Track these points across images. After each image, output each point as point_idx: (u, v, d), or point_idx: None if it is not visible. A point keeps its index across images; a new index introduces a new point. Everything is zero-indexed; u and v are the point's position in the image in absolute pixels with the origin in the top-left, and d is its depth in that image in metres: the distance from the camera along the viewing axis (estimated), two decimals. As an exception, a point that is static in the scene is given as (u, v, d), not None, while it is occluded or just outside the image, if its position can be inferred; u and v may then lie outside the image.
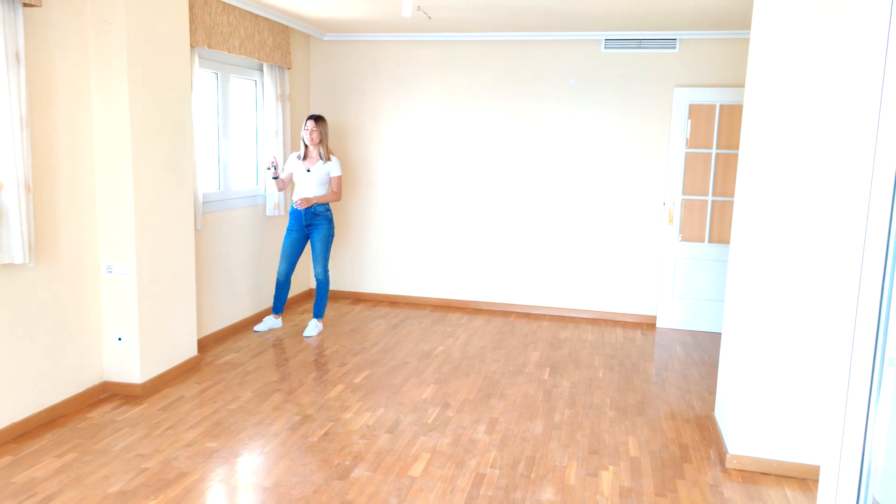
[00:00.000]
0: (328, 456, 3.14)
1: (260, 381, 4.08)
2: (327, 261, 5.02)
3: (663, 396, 4.05)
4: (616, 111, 5.58)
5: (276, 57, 5.16)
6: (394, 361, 4.53)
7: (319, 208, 4.92)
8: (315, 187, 4.87)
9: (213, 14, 4.35)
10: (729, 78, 5.34)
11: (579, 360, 4.68)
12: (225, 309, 4.96)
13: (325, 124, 4.88)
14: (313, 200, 4.83)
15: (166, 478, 2.89)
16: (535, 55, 5.65)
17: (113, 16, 3.50)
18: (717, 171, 5.38)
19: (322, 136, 4.86)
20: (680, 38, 5.35)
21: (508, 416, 3.69)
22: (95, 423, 3.42)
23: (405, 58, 5.89)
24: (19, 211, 2.99)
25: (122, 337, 3.76)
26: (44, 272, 3.34)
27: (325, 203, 4.93)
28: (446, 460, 3.14)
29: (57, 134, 3.37)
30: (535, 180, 5.79)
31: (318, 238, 4.96)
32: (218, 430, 3.37)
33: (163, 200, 3.91)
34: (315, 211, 4.92)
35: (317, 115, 4.85)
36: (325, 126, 4.88)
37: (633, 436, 3.49)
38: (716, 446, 3.39)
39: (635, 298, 5.74)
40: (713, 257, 5.47)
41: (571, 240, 5.79)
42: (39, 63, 3.23)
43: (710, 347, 5.10)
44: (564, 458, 3.21)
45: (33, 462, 2.98)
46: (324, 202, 4.90)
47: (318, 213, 4.93)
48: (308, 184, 4.85)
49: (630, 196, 5.64)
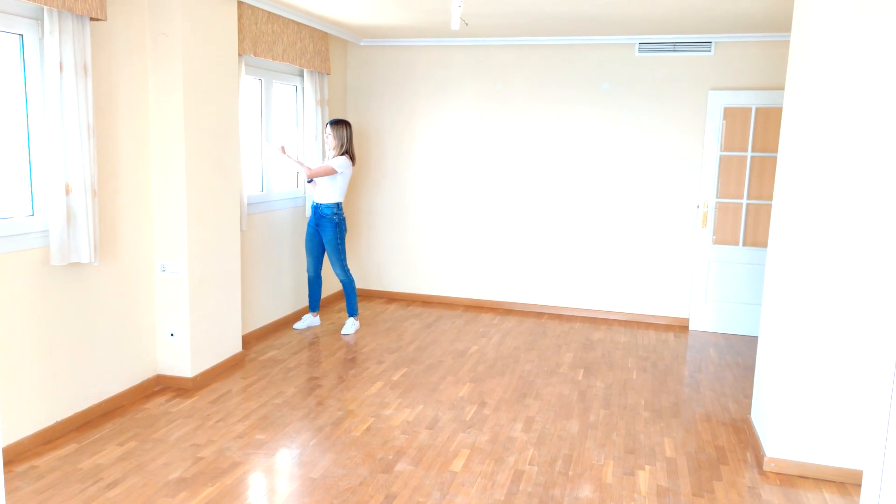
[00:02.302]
0: (371, 450, 3.27)
1: (302, 377, 4.24)
2: (343, 262, 5.10)
3: (698, 399, 4.10)
4: (649, 114, 5.62)
5: (316, 63, 5.32)
6: (430, 360, 4.64)
7: (326, 210, 4.99)
8: (324, 184, 4.96)
9: (258, 23, 4.51)
10: (765, 80, 5.34)
11: (613, 362, 4.74)
12: (267, 307, 5.13)
13: (342, 128, 4.96)
14: (291, 160, 4.80)
15: (220, 467, 3.05)
16: (569, 59, 5.71)
17: (170, 28, 3.67)
18: (753, 173, 5.39)
19: (339, 139, 4.96)
20: (715, 40, 5.37)
21: (544, 415, 3.77)
22: (151, 413, 3.60)
23: (440, 62, 6.00)
24: (86, 213, 3.18)
25: (175, 333, 3.94)
26: (106, 271, 3.53)
27: (330, 205, 4.96)
28: (485, 457, 3.25)
29: (119, 140, 3.56)
30: (568, 182, 5.86)
31: (326, 241, 5.05)
32: (265, 424, 3.53)
33: (212, 203, 4.08)
34: (322, 213, 5.01)
35: (335, 120, 4.98)
36: (341, 129, 4.95)
37: (669, 437, 3.55)
38: (752, 449, 3.44)
39: (668, 301, 5.77)
40: (747, 260, 5.48)
41: (604, 241, 5.85)
42: (104, 73, 3.41)
43: (744, 350, 5.12)
44: (601, 457, 3.28)
45: (97, 449, 3.16)
46: (301, 166, 4.82)
47: (325, 215, 5.01)
48: (318, 180, 4.95)
49: (663, 198, 5.67)
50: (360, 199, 6.38)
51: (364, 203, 6.37)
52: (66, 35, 3.01)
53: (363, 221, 6.40)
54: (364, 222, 6.40)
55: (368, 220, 6.38)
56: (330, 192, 4.98)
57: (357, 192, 6.38)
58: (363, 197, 6.37)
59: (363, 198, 6.37)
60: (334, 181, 4.96)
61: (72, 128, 3.09)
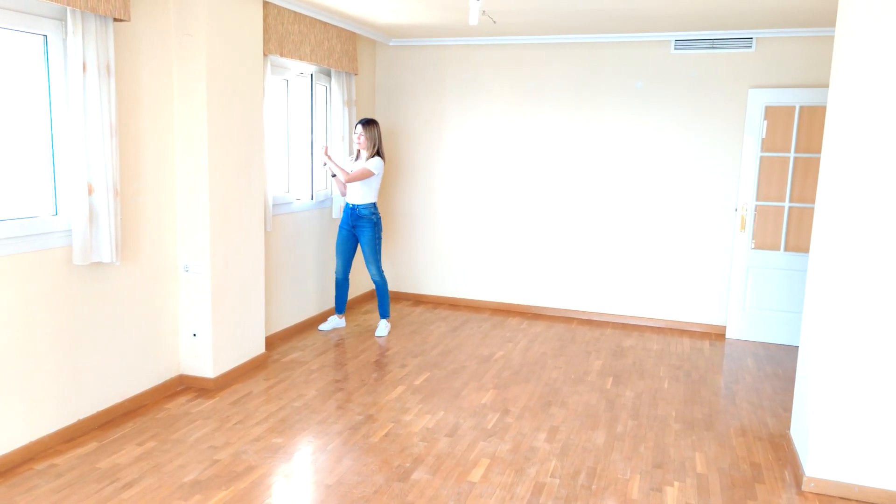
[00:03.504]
0: (389, 457, 3.19)
1: (324, 379, 4.19)
2: (379, 262, 5.07)
3: (733, 411, 3.91)
4: (686, 113, 5.42)
5: (343, 63, 5.28)
6: (453, 365, 4.55)
7: (364, 211, 4.96)
8: (358, 186, 4.93)
9: (285, 23, 4.50)
10: (810, 78, 5.10)
11: (644, 370, 4.58)
12: (291, 308, 5.12)
13: (372, 128, 4.91)
14: (332, 160, 4.80)
15: (236, 470, 3.01)
16: (602, 57, 5.56)
17: (194, 28, 3.67)
18: (796, 175, 5.15)
19: (371, 139, 4.92)
20: (756, 36, 5.15)
21: (569, 424, 3.65)
22: (172, 413, 3.60)
23: (470, 62, 5.91)
24: (108, 213, 3.19)
25: (197, 333, 3.94)
26: (128, 271, 3.54)
27: (367, 205, 4.94)
28: (506, 467, 3.14)
29: (142, 140, 3.57)
30: (599, 184, 5.70)
31: (364, 242, 5.02)
32: (283, 427, 3.49)
33: (236, 203, 4.07)
34: (359, 213, 4.97)
35: (365, 120, 4.93)
36: (371, 130, 4.91)
37: (701, 451, 3.38)
38: (791, 467, 3.25)
39: (703, 307, 5.56)
40: (789, 266, 5.23)
41: (637, 245, 5.67)
42: (127, 74, 3.43)
43: (784, 361, 4.89)
44: (627, 471, 3.14)
45: (117, 449, 3.17)
46: (340, 170, 4.79)
47: (363, 215, 4.97)
48: (352, 183, 4.93)
49: (699, 201, 5.47)
50: (389, 200, 6.33)
51: (392, 204, 6.32)
52: (89, 35, 3.02)
53: (391, 222, 6.35)
54: (392, 223, 6.35)
55: (396, 222, 6.33)
56: (366, 192, 4.95)
57: (385, 193, 6.33)
58: (392, 198, 6.32)
59: (392, 199, 6.32)
60: (369, 182, 4.94)
61: (94, 128, 3.10)
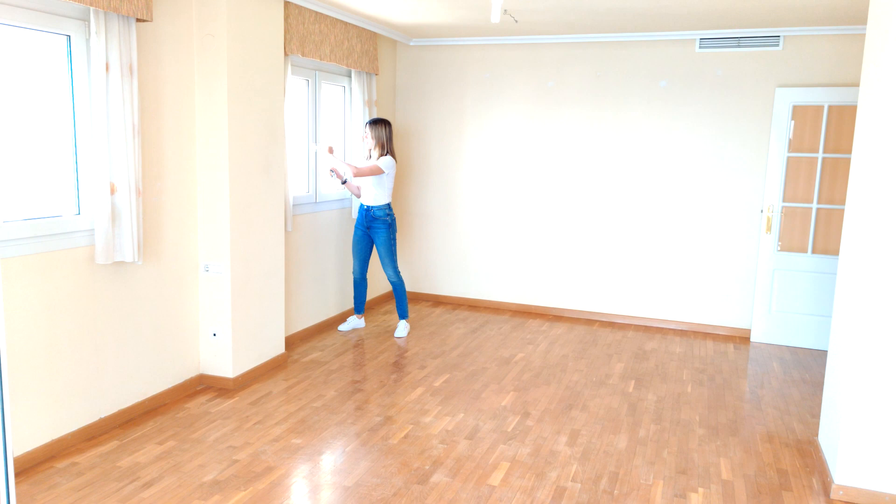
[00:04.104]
0: (408, 459, 3.17)
1: (343, 380, 4.18)
2: (395, 263, 5.05)
3: (759, 416, 3.83)
4: (711, 113, 5.33)
5: (363, 63, 5.28)
6: (473, 366, 4.52)
7: (378, 212, 4.95)
8: (372, 185, 4.90)
9: (306, 23, 4.50)
10: (839, 77, 4.98)
11: (666, 374, 4.50)
12: (311, 308, 5.12)
13: (380, 127, 4.88)
14: (337, 160, 4.67)
15: (255, 471, 3.01)
16: (624, 56, 5.49)
17: (216, 28, 3.68)
18: (824, 176, 5.03)
19: (378, 139, 4.89)
20: (784, 34, 5.04)
21: (591, 428, 3.59)
22: (192, 413, 3.61)
23: (490, 61, 5.87)
24: (130, 213, 3.20)
25: (217, 333, 3.95)
26: (149, 270, 3.56)
27: (382, 206, 4.92)
28: (526, 471, 3.10)
29: (164, 140, 3.59)
30: (621, 184, 5.63)
31: (379, 243, 5.01)
32: (303, 427, 3.48)
33: (256, 203, 4.08)
34: (374, 215, 4.96)
35: (373, 120, 4.91)
36: (379, 129, 4.88)
37: (726, 457, 3.31)
38: (819, 474, 3.16)
39: (727, 310, 5.46)
40: (817, 269, 5.12)
41: (659, 246, 5.59)
42: (149, 74, 3.45)
43: (811, 366, 4.78)
44: (650, 477, 3.08)
45: (137, 448, 3.18)
46: (347, 167, 4.66)
47: (377, 216, 4.96)
48: (365, 182, 4.92)
49: (724, 202, 5.37)
50: (409, 200, 6.31)
51: (412, 204, 6.30)
52: (112, 36, 3.04)
53: (411, 223, 6.33)
54: (412, 224, 6.33)
55: (416, 222, 6.31)
56: (379, 193, 4.93)
57: (405, 193, 6.32)
58: (411, 198, 6.30)
59: (411, 199, 6.30)
60: (381, 182, 4.90)
61: (117, 128, 3.12)
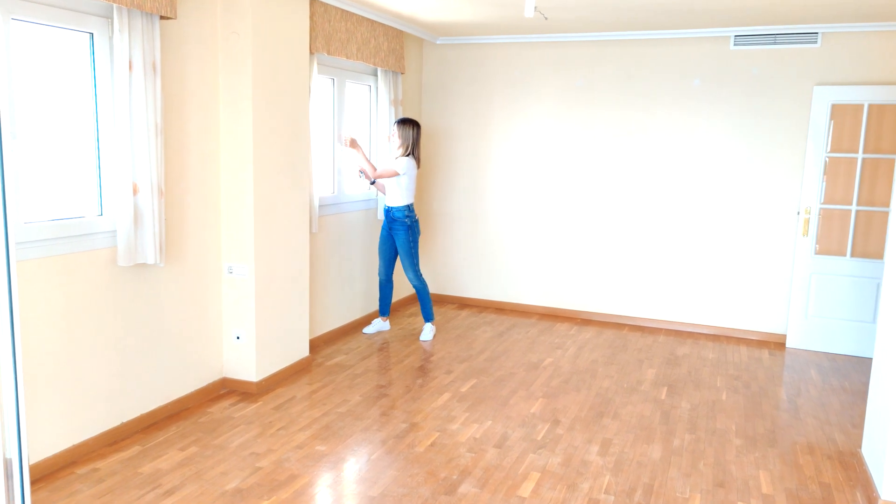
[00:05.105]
0: (435, 468, 3.07)
1: (368, 384, 4.10)
2: (416, 266, 4.96)
3: (798, 426, 3.67)
4: (746, 112, 5.16)
5: (390, 62, 5.20)
6: (500, 371, 4.41)
7: (397, 214, 4.87)
8: (391, 186, 4.83)
9: (331, 21, 4.43)
10: (880, 74, 4.79)
11: (699, 380, 4.35)
12: (336, 310, 5.05)
13: (408, 128, 4.81)
14: (362, 157, 4.66)
15: (278, 479, 2.93)
16: (655, 54, 5.34)
17: (241, 27, 3.63)
18: (864, 177, 4.84)
19: (405, 140, 4.82)
20: (822, 31, 4.86)
21: (623, 437, 3.47)
22: (215, 418, 3.55)
23: (518, 60, 5.76)
24: (152, 214, 3.15)
25: (241, 336, 3.89)
26: (172, 272, 3.51)
27: (401, 207, 4.84)
28: (557, 481, 2.99)
29: (187, 140, 3.54)
30: (653, 185, 5.48)
31: (398, 245, 4.93)
32: (327, 434, 3.40)
33: (281, 204, 4.02)
34: (394, 216, 4.88)
35: (401, 119, 4.84)
36: (407, 129, 4.81)
37: (765, 469, 3.16)
38: (863, 488, 3.01)
39: (762, 315, 5.28)
40: (856, 273, 4.92)
41: (690, 249, 5.43)
42: (173, 72, 3.40)
43: (851, 373, 4.59)
44: (686, 489, 2.95)
45: (159, 454, 3.13)
46: (369, 164, 4.68)
47: (397, 218, 4.88)
48: (386, 182, 4.86)
49: (759, 204, 5.20)
50: (435, 200, 6.23)
51: (438, 205, 6.21)
52: (135, 33, 2.99)
53: (437, 224, 6.25)
54: (438, 225, 6.24)
55: (442, 223, 6.22)
56: (398, 194, 4.85)
57: (431, 193, 6.23)
58: (437, 199, 6.21)
59: (437, 200, 6.21)
60: (399, 183, 4.83)
61: (140, 127, 3.07)
